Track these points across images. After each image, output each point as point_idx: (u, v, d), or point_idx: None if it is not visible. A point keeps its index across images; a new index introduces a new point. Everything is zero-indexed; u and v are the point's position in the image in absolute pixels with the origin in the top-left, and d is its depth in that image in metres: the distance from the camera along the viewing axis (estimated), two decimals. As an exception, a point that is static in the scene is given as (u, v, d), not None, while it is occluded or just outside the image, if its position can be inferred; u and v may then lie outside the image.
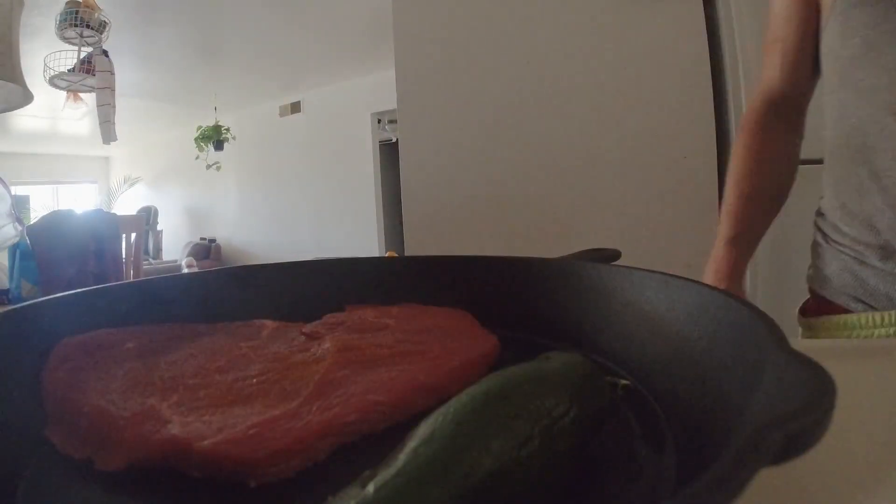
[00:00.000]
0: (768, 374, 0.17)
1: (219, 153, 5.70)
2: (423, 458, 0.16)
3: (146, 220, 5.67)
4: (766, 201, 0.69)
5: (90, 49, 2.92)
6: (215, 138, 5.62)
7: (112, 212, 5.05)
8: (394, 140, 4.71)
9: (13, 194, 1.05)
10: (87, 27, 2.76)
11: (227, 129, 5.67)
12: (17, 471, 0.22)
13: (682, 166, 1.39)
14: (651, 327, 0.30)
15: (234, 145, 5.76)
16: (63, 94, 3.29)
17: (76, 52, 2.94)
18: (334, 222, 5.24)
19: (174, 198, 6.88)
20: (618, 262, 0.40)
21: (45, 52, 3.01)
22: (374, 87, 4.77)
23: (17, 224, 1.01)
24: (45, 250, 0.93)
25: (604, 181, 1.43)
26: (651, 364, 0.29)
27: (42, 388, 0.27)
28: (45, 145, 6.48)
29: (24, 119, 5.25)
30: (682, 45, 1.38)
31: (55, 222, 0.97)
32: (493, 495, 0.16)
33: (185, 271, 3.91)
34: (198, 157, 5.75)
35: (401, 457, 0.16)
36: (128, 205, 7.05)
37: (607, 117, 1.44)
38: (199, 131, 5.66)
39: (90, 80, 3.01)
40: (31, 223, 1.02)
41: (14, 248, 0.99)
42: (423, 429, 0.17)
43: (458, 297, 0.41)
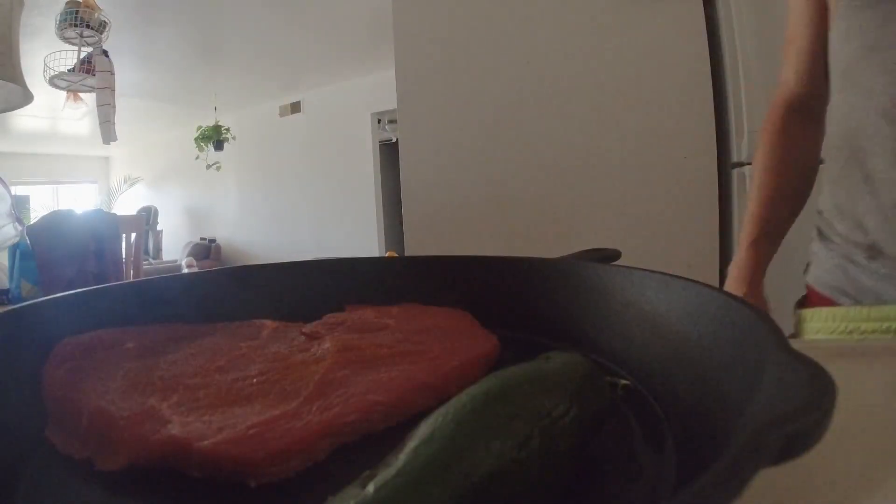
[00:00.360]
0: (768, 375, 0.17)
1: (219, 153, 5.70)
2: (423, 458, 0.16)
3: (146, 220, 5.67)
4: (789, 201, 0.69)
5: (90, 49, 2.91)
6: (215, 138, 5.62)
7: (112, 212, 5.05)
8: (394, 140, 4.71)
9: (13, 194, 1.05)
10: (87, 27, 2.76)
11: (227, 129, 5.67)
12: (17, 471, 0.22)
13: (682, 166, 1.39)
14: (651, 327, 0.30)
15: (234, 145, 5.76)
16: (63, 94, 3.29)
17: (76, 52, 2.94)
18: (334, 222, 5.24)
19: (174, 198, 6.88)
20: (618, 262, 0.40)
21: (45, 52, 3.01)
22: (374, 87, 4.77)
23: (17, 224, 1.01)
24: (45, 250, 0.93)
25: (604, 181, 1.43)
26: (651, 364, 0.29)
27: (42, 388, 0.27)
28: (45, 145, 6.48)
29: (24, 119, 5.25)
30: (682, 45, 1.38)
31: (55, 222, 0.97)
32: (493, 495, 0.16)
33: (185, 271, 3.92)
34: (198, 157, 5.75)
35: (401, 457, 0.16)
36: (128, 205, 7.05)
37: (607, 117, 1.44)
38: (199, 131, 5.66)
39: (90, 80, 3.01)
40: (31, 223, 1.02)
41: (14, 248, 0.99)
42: (423, 429, 0.17)
43: (458, 297, 0.41)
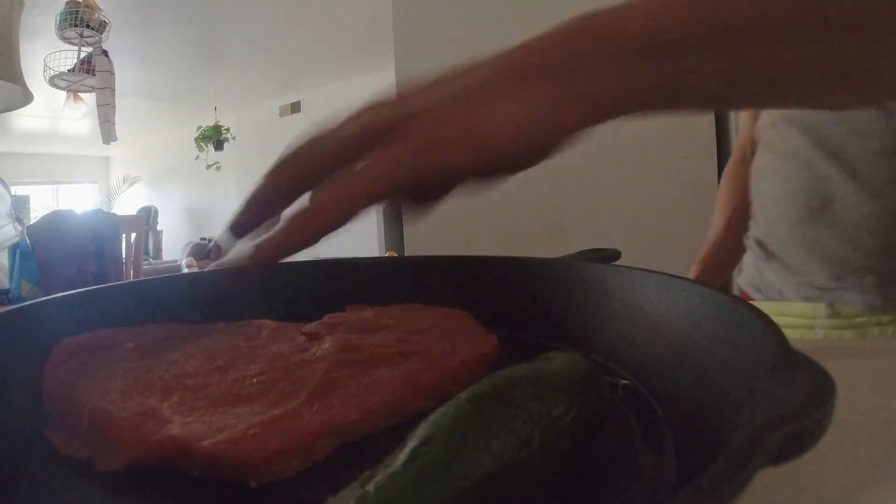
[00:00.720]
0: (768, 375, 0.17)
1: (219, 153, 5.70)
2: (423, 459, 0.16)
3: (146, 220, 5.68)
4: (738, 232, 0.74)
5: (90, 49, 2.92)
6: (215, 138, 5.62)
7: (112, 212, 5.05)
8: (394, 140, 4.69)
9: (13, 194, 1.05)
10: (87, 27, 2.76)
11: (227, 129, 5.67)
12: (18, 471, 0.22)
13: (682, 166, 1.39)
14: (651, 327, 0.30)
15: (234, 145, 5.75)
16: (63, 94, 3.29)
17: (76, 52, 2.94)
18: (334, 222, 5.23)
19: (174, 198, 6.88)
20: (618, 262, 0.40)
21: (45, 52, 3.01)
22: (374, 87, 4.76)
23: (17, 224, 1.01)
24: (45, 250, 0.93)
25: (604, 181, 1.43)
26: (651, 364, 0.29)
27: (42, 388, 0.27)
28: (45, 145, 6.48)
29: (24, 119, 5.25)
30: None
31: (55, 222, 0.97)
32: (493, 495, 0.16)
33: (185, 271, 3.92)
34: (198, 157, 5.75)
35: (401, 457, 0.16)
36: (128, 205, 7.04)
37: (607, 117, 1.44)
38: (199, 131, 5.66)
39: (90, 80, 3.01)
40: (31, 223, 1.02)
41: (14, 248, 0.99)
42: (423, 429, 0.17)
43: (458, 297, 0.41)
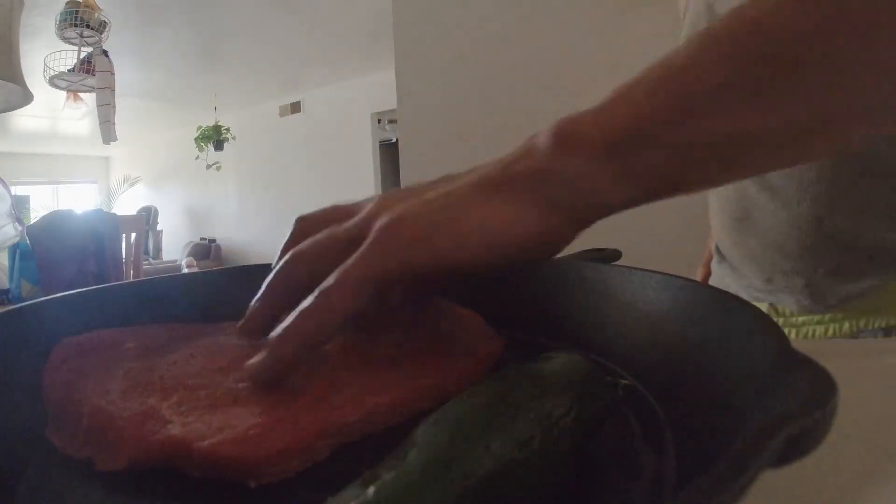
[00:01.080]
0: (769, 375, 0.17)
1: (219, 153, 5.70)
2: (424, 459, 0.15)
3: (146, 220, 5.69)
4: None
5: (90, 49, 2.92)
6: (215, 138, 5.62)
7: (112, 212, 5.05)
8: (394, 140, 4.71)
9: (13, 194, 1.05)
10: (87, 27, 2.77)
11: (227, 129, 5.68)
12: (18, 471, 0.22)
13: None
14: (652, 327, 0.30)
15: (234, 145, 5.76)
16: (63, 94, 3.29)
17: (76, 52, 2.94)
18: (334, 222, 5.23)
19: (174, 198, 6.88)
20: (618, 262, 0.40)
21: (45, 52, 3.01)
22: (374, 87, 4.78)
23: (17, 224, 1.01)
24: (45, 250, 0.93)
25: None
26: (651, 364, 0.28)
27: (42, 388, 0.27)
28: (45, 145, 6.49)
29: (24, 119, 5.25)
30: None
31: (55, 222, 0.97)
32: (493, 495, 0.16)
33: (185, 271, 3.92)
34: (198, 157, 5.76)
35: (401, 457, 0.16)
36: (128, 205, 7.05)
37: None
38: (199, 131, 5.67)
39: (90, 80, 3.01)
40: (31, 223, 1.02)
41: (14, 248, 0.99)
42: (424, 429, 0.17)
43: (458, 296, 0.41)
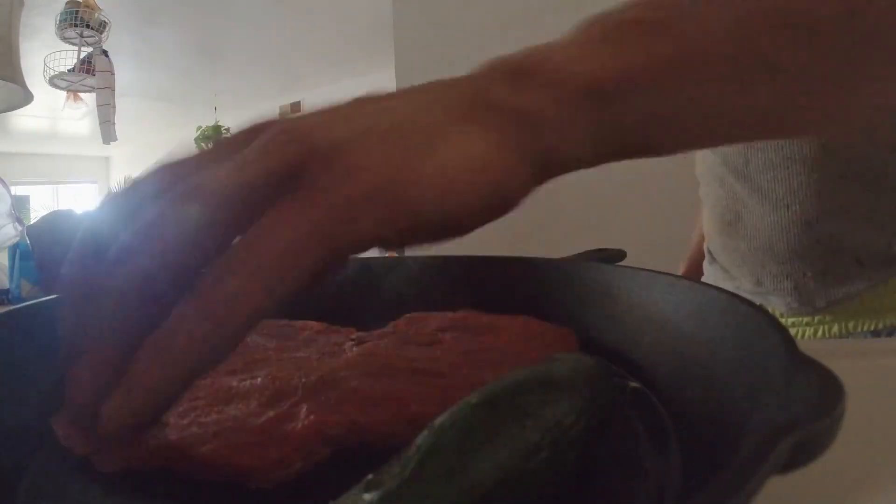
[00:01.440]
0: (776, 378, 0.17)
1: (219, 153, 5.70)
2: (428, 467, 0.15)
3: (146, 219, 5.65)
4: None
5: (90, 49, 2.92)
6: (215, 138, 5.62)
7: (112, 212, 5.04)
8: (394, 140, 4.69)
9: (13, 194, 1.05)
10: (87, 27, 2.76)
11: (227, 130, 5.67)
12: (18, 470, 0.22)
13: (687, 166, 1.38)
14: (656, 329, 0.29)
15: (235, 145, 5.76)
16: (63, 94, 3.29)
17: (76, 52, 2.94)
18: (334, 222, 5.23)
19: (174, 198, 6.88)
20: (623, 262, 0.40)
21: (45, 52, 3.01)
22: (374, 87, 4.76)
23: (17, 224, 1.01)
24: (45, 250, 0.93)
25: (608, 180, 1.43)
26: (656, 366, 0.28)
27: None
28: (45, 145, 6.48)
29: (24, 119, 5.25)
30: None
31: (55, 222, 0.97)
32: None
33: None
34: (198, 157, 5.75)
35: (405, 464, 0.15)
36: (128, 205, 7.04)
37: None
38: (199, 131, 5.66)
39: (90, 80, 3.01)
40: (31, 223, 1.02)
41: (14, 248, 0.99)
42: (429, 435, 0.17)
43: (459, 297, 0.40)
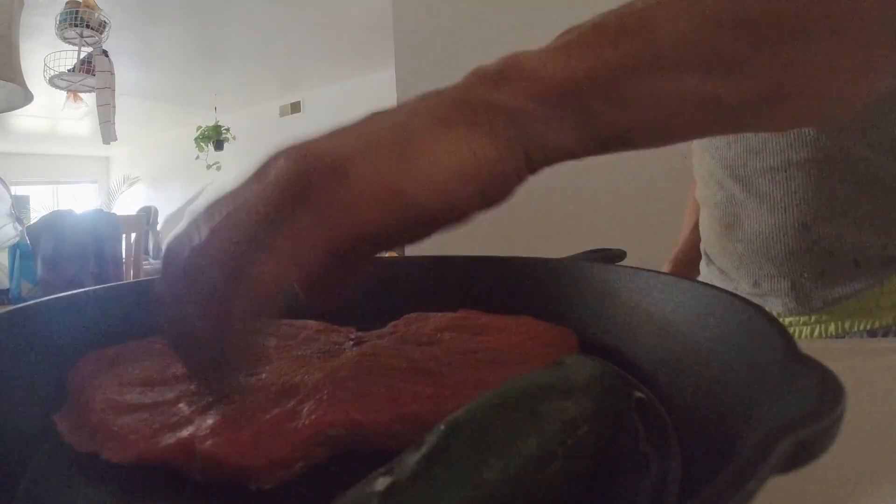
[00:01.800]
0: (776, 378, 0.17)
1: (219, 153, 5.70)
2: (442, 466, 0.15)
3: (146, 220, 5.67)
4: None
5: (90, 49, 2.91)
6: (215, 138, 5.62)
7: (112, 212, 5.05)
8: (394, 140, 4.69)
9: (13, 194, 1.05)
10: (87, 27, 2.76)
11: (227, 129, 5.67)
12: (18, 470, 0.22)
13: (686, 166, 1.38)
14: (657, 329, 0.29)
15: (234, 145, 5.75)
16: (63, 94, 3.29)
17: (76, 52, 2.93)
18: (334, 222, 5.23)
19: (174, 198, 6.88)
20: (623, 262, 0.40)
21: (45, 52, 3.01)
22: (374, 87, 4.77)
23: (17, 224, 1.01)
24: (45, 250, 0.93)
25: (608, 180, 1.43)
26: (656, 366, 0.28)
27: (67, 384, 0.28)
28: (45, 145, 6.48)
29: (24, 119, 5.25)
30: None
31: (55, 222, 0.97)
32: None
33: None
34: (198, 157, 5.75)
35: (417, 463, 0.15)
36: (128, 205, 7.04)
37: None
38: (199, 131, 5.66)
39: (90, 80, 3.01)
40: (31, 223, 1.02)
41: (14, 248, 0.99)
42: (443, 434, 0.17)
43: (459, 297, 0.40)
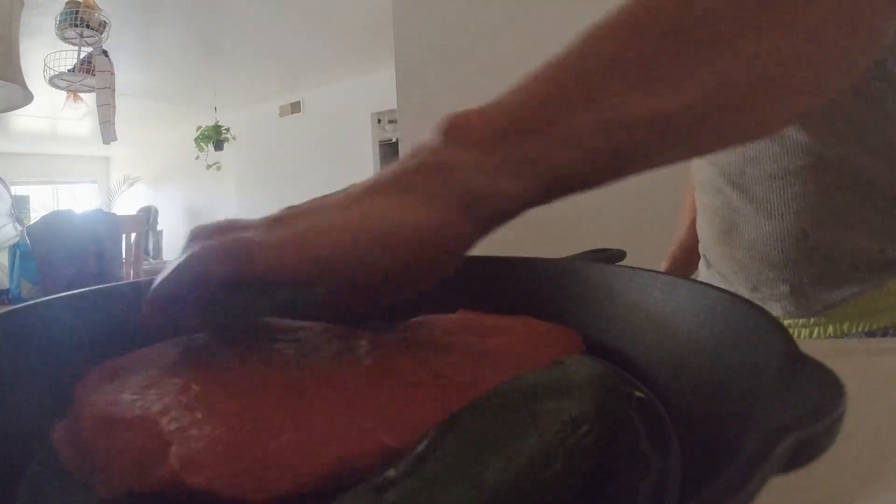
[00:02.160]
0: (776, 378, 0.17)
1: (219, 153, 5.70)
2: (443, 467, 0.15)
3: (146, 220, 5.67)
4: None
5: (90, 49, 2.91)
6: (215, 138, 5.62)
7: (112, 212, 5.05)
8: (394, 140, 4.70)
9: (13, 194, 1.05)
10: (87, 27, 2.76)
11: (227, 129, 5.67)
12: (18, 472, 0.22)
13: (687, 166, 1.38)
14: (656, 329, 0.29)
15: (234, 145, 5.75)
16: (63, 94, 3.29)
17: (76, 52, 2.94)
18: (334, 222, 5.23)
19: (174, 198, 6.88)
20: (623, 262, 0.40)
21: (45, 52, 3.01)
22: (374, 87, 4.77)
23: (17, 224, 1.01)
24: (45, 250, 0.93)
25: (605, 181, 1.42)
26: (656, 366, 0.28)
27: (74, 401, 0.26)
28: (45, 145, 6.48)
29: (24, 119, 5.25)
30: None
31: (55, 222, 0.97)
32: None
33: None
34: (198, 157, 5.75)
35: (417, 461, 0.15)
36: (128, 205, 7.04)
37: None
38: (199, 131, 5.66)
39: (90, 80, 3.01)
40: (31, 223, 1.02)
41: (14, 248, 0.99)
42: (442, 434, 0.17)
43: (459, 297, 0.40)
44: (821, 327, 0.57)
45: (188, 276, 0.24)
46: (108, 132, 2.94)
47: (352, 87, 5.07)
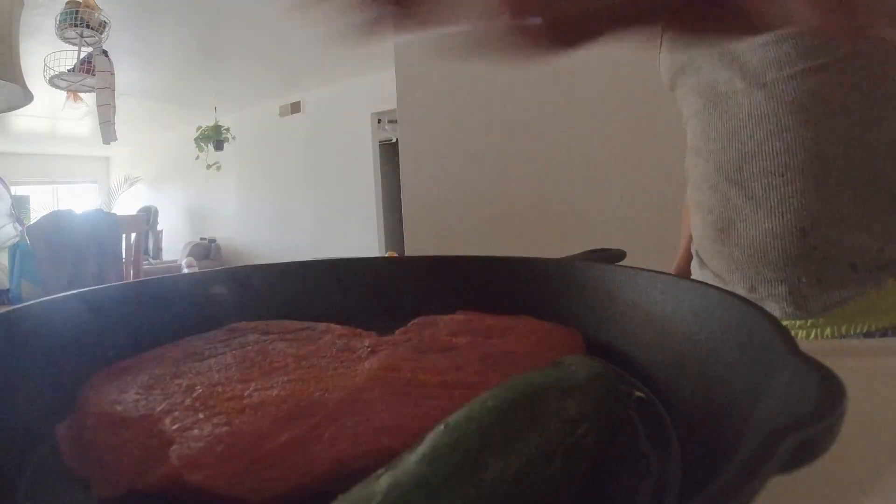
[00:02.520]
0: (776, 378, 0.17)
1: (219, 153, 5.70)
2: (445, 466, 0.15)
3: (146, 220, 5.65)
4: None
5: (90, 49, 2.92)
6: (215, 138, 5.62)
7: (112, 212, 5.05)
8: (394, 140, 4.70)
9: (13, 194, 1.05)
10: (87, 27, 2.76)
11: (227, 129, 5.68)
12: (18, 472, 0.22)
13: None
14: (657, 329, 0.29)
15: (234, 145, 5.76)
16: (63, 94, 3.29)
17: (76, 52, 2.94)
18: (334, 222, 5.24)
19: (174, 198, 6.88)
20: (623, 262, 0.40)
21: (45, 52, 3.01)
22: (374, 87, 4.77)
23: (17, 224, 1.01)
24: (45, 250, 0.93)
25: (608, 180, 1.43)
26: (657, 366, 0.28)
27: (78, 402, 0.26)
28: (45, 145, 6.48)
29: (24, 119, 5.25)
30: (683, 45, 1.38)
31: (55, 222, 0.97)
32: None
33: (186, 271, 3.91)
34: (198, 157, 5.76)
35: (419, 460, 0.15)
36: (128, 205, 7.05)
37: (610, 115, 1.44)
38: (199, 131, 5.66)
39: (90, 80, 3.01)
40: (31, 223, 1.02)
41: (14, 248, 0.99)
42: (444, 433, 0.17)
43: (459, 297, 0.40)
44: (819, 329, 0.57)
45: None
46: (108, 132, 2.94)
47: (352, 87, 5.07)
